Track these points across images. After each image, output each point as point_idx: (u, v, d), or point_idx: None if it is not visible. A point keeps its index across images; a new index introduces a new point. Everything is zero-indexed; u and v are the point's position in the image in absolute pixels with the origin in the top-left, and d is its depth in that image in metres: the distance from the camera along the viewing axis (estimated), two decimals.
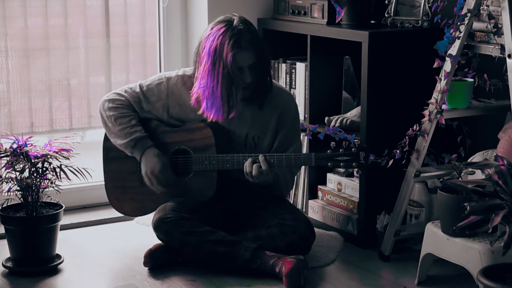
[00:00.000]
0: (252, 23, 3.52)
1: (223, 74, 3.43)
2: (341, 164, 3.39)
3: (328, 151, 3.40)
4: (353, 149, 3.39)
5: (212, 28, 3.49)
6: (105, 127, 3.62)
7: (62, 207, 3.51)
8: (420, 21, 3.74)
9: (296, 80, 4.08)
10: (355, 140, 3.59)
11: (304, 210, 4.10)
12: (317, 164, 3.42)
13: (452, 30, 3.36)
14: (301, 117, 4.00)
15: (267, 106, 3.60)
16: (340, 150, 3.39)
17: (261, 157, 3.41)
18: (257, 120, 3.60)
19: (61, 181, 3.47)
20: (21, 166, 3.41)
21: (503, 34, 3.21)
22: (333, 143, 3.42)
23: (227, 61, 3.41)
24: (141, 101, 3.60)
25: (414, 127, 3.45)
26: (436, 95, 3.41)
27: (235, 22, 3.46)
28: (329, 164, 3.41)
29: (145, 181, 3.55)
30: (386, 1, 3.86)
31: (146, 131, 3.56)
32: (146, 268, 3.47)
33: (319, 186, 4.05)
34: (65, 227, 3.88)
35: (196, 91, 3.52)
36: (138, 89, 3.62)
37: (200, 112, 3.52)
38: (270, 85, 3.58)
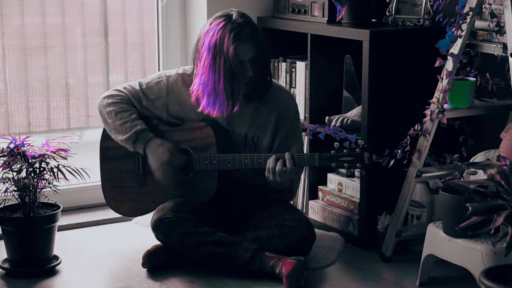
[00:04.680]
0: (251, 17, 3.50)
1: (224, 69, 3.41)
2: (345, 164, 3.37)
3: (332, 152, 3.38)
4: (357, 150, 3.36)
5: (211, 23, 3.47)
6: (104, 124, 3.59)
7: (59, 207, 3.50)
8: (421, 20, 3.72)
9: (296, 79, 4.06)
10: (359, 141, 3.57)
11: (304, 210, 4.09)
12: (321, 164, 3.40)
13: (454, 29, 3.35)
14: (302, 116, 3.98)
15: (266, 105, 3.58)
16: (344, 151, 3.37)
17: (287, 155, 3.38)
18: (256, 120, 3.58)
19: (58, 182, 3.46)
20: (18, 166, 3.40)
21: (505, 32, 3.20)
22: (337, 143, 3.40)
23: (228, 54, 3.39)
24: (141, 98, 3.58)
25: (416, 126, 3.43)
26: (437, 94, 3.40)
27: (234, 16, 3.45)
28: (332, 164, 3.39)
29: (158, 176, 3.49)
30: (387, 0, 3.83)
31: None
32: (145, 269, 3.46)
33: (319, 187, 4.03)
34: (62, 228, 3.87)
35: (196, 88, 3.50)
36: (137, 87, 3.60)
37: (200, 109, 3.50)
38: (270, 79, 3.56)
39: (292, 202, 4.08)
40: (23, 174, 3.40)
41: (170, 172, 3.47)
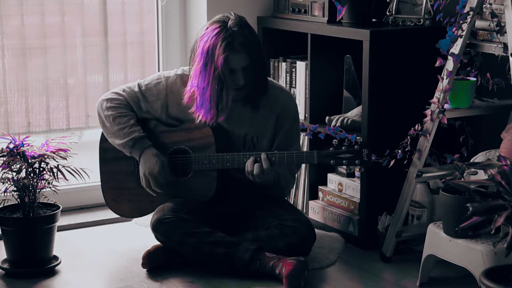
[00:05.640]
0: (249, 24, 3.47)
1: (213, 77, 3.40)
2: (344, 161, 3.37)
3: (331, 149, 3.38)
4: (355, 147, 3.36)
5: (207, 28, 3.46)
6: (102, 127, 3.59)
7: (59, 207, 3.49)
8: (422, 20, 3.71)
9: (296, 79, 4.06)
10: (358, 138, 3.56)
11: (304, 210, 4.08)
12: (320, 161, 3.39)
13: (454, 29, 3.34)
14: (302, 116, 3.97)
15: (265, 107, 3.57)
16: (343, 148, 3.37)
17: (263, 155, 3.38)
18: (256, 121, 3.57)
19: (58, 182, 3.45)
20: (18, 166, 3.39)
21: (506, 32, 3.19)
22: (335, 140, 3.40)
23: (218, 63, 3.38)
24: (140, 100, 3.58)
25: (416, 126, 3.43)
26: (438, 94, 3.39)
27: (229, 23, 3.42)
28: (331, 161, 3.38)
29: (142, 183, 3.51)
30: (387, 0, 3.83)
31: (145, 131, 3.54)
32: (145, 270, 3.45)
33: (319, 187, 4.03)
34: (62, 228, 3.87)
35: (189, 89, 3.49)
36: (136, 89, 3.59)
37: (191, 110, 3.49)
38: (265, 86, 3.54)
39: (292, 202, 4.08)
40: (23, 174, 3.39)
41: (154, 183, 3.48)
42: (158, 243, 3.48)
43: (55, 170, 3.42)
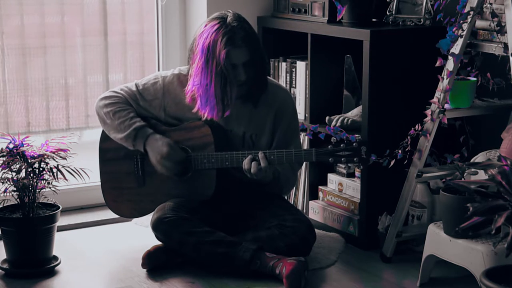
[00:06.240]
0: (247, 20, 3.48)
1: (216, 72, 3.40)
2: (343, 159, 3.37)
3: (329, 146, 3.37)
4: (354, 144, 3.36)
5: (205, 25, 3.47)
6: (103, 126, 3.59)
7: (59, 208, 3.49)
8: (422, 19, 3.71)
9: (296, 79, 4.05)
10: (357, 136, 3.56)
11: (304, 211, 4.07)
12: (318, 159, 3.39)
13: (454, 29, 3.34)
14: (302, 116, 3.97)
15: (264, 104, 3.57)
16: (341, 145, 3.36)
17: (260, 154, 3.38)
18: (254, 119, 3.57)
19: (58, 182, 3.45)
20: (18, 166, 3.39)
21: (506, 32, 3.19)
22: (334, 138, 3.40)
23: (220, 59, 3.38)
24: (138, 99, 3.58)
25: (416, 126, 3.42)
26: (438, 94, 3.39)
27: (228, 19, 3.43)
28: (330, 159, 3.38)
29: (159, 170, 3.49)
30: None
31: None
32: (144, 270, 3.44)
33: (319, 187, 4.02)
34: (62, 228, 3.86)
35: (190, 89, 3.50)
36: (134, 88, 3.60)
37: (195, 110, 3.49)
38: (265, 82, 3.54)
39: (292, 202, 4.08)
40: (23, 174, 3.39)
41: (170, 165, 3.47)
42: (158, 243, 3.48)
43: (55, 170, 3.41)
